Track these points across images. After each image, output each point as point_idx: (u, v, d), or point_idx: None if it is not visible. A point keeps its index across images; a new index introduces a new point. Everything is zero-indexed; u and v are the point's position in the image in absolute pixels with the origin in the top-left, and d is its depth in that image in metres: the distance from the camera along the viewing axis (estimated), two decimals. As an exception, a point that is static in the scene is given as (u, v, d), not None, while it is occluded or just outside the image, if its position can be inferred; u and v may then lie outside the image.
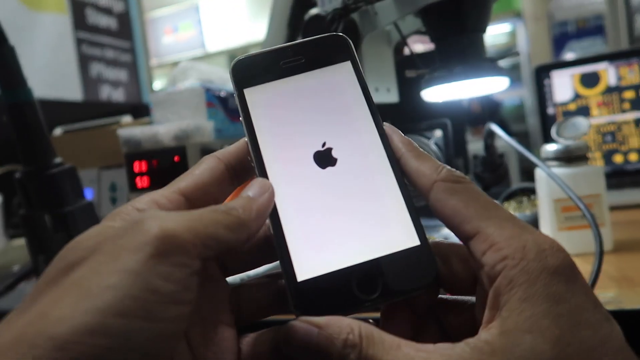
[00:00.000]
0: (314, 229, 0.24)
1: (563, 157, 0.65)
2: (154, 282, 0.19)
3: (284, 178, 0.25)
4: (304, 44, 0.28)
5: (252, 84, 0.27)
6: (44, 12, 1.76)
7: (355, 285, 0.23)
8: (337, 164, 0.25)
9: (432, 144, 0.84)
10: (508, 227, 0.23)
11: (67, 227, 0.73)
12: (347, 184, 0.25)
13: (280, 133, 0.26)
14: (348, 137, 0.26)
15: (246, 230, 0.23)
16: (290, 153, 0.26)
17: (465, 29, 0.66)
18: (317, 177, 0.25)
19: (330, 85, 0.27)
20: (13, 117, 0.70)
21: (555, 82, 1.06)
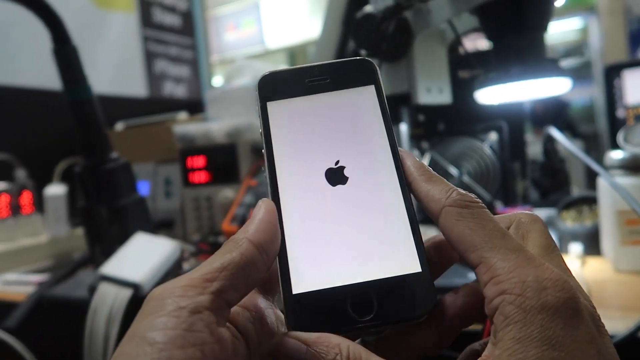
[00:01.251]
0: (316, 244, 0.24)
1: (629, 165, 0.60)
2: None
3: (294, 192, 0.25)
4: (331, 65, 0.28)
5: (276, 98, 0.27)
6: (113, 11, 1.84)
7: (350, 305, 0.23)
8: (348, 182, 0.25)
9: (486, 147, 0.80)
10: (512, 258, 0.21)
11: (121, 219, 0.76)
12: (354, 203, 0.25)
13: (296, 147, 0.26)
14: (362, 157, 0.26)
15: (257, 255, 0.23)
16: (303, 167, 0.26)
17: (524, 27, 0.63)
18: (326, 193, 0.25)
19: (351, 106, 0.27)
20: (74, 113, 0.73)
21: (627, 82, 0.98)
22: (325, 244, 0.24)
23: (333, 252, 0.24)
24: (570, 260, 0.65)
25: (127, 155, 0.80)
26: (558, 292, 0.20)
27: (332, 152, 0.26)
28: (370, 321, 0.22)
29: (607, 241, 0.63)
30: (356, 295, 0.23)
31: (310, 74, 0.28)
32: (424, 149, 0.84)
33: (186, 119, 1.18)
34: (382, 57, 0.75)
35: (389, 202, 0.25)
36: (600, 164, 0.62)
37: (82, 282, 0.78)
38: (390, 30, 0.71)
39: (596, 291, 0.55)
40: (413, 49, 0.75)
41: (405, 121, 0.81)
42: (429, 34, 0.76)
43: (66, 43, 0.71)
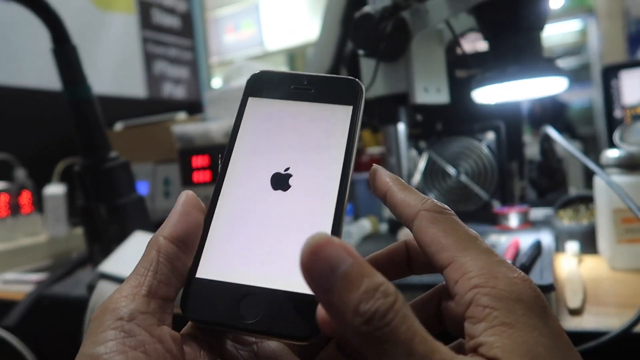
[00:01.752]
0: (235, 240, 0.25)
1: (625, 164, 0.61)
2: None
3: (237, 187, 0.27)
4: (320, 78, 0.29)
5: (257, 95, 0.29)
6: (113, 12, 1.85)
7: (240, 304, 0.24)
8: (289, 190, 0.26)
9: (484, 147, 0.81)
10: (483, 258, 0.23)
11: (120, 218, 0.77)
12: (286, 212, 0.26)
13: (256, 145, 0.27)
14: (311, 171, 0.26)
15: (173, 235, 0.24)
16: (254, 166, 0.27)
17: (521, 27, 0.63)
18: (264, 196, 0.26)
19: (323, 120, 0.28)
20: (73, 113, 0.74)
21: (625, 83, 0.98)
22: (244, 242, 0.25)
23: (247, 251, 0.25)
24: (567, 258, 0.66)
25: (126, 155, 0.81)
26: (528, 289, 0.22)
27: (286, 159, 0.27)
28: (251, 325, 0.23)
29: (603, 239, 0.64)
30: (249, 297, 0.24)
31: (298, 82, 0.29)
32: (421, 148, 0.85)
33: (185, 119, 1.18)
34: (380, 57, 0.75)
35: (317, 221, 0.25)
36: (597, 164, 0.62)
37: (80, 280, 0.78)
38: (388, 30, 0.71)
39: (592, 289, 0.55)
40: (411, 48, 0.75)
41: (403, 121, 0.81)
42: (427, 34, 0.76)
43: (66, 43, 0.71)
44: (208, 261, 0.25)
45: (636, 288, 0.54)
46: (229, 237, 0.25)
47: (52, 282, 0.79)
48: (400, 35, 0.73)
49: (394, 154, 0.82)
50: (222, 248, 0.25)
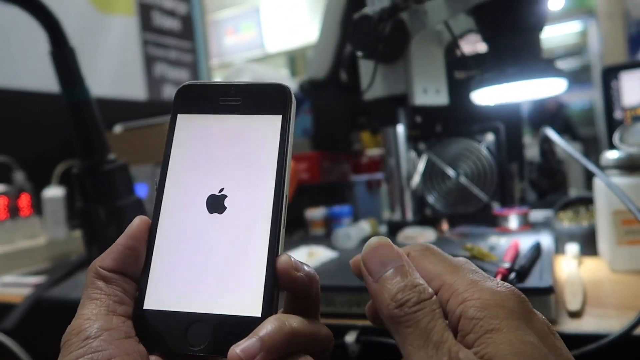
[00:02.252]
0: (177, 268, 0.26)
1: (625, 165, 0.60)
2: None
3: (174, 213, 0.27)
4: (247, 87, 0.28)
5: (187, 112, 0.28)
6: (113, 14, 1.85)
7: (187, 331, 0.24)
8: (224, 213, 0.26)
9: (483, 148, 0.81)
10: (470, 277, 0.24)
11: (119, 220, 0.77)
12: (223, 236, 0.26)
13: (189, 167, 0.27)
14: (244, 191, 0.26)
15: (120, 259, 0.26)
16: (189, 189, 0.27)
17: (520, 28, 0.63)
18: (202, 220, 0.26)
19: (252, 134, 0.27)
20: (72, 115, 0.74)
21: (625, 84, 0.98)
22: (185, 269, 0.26)
23: (189, 278, 0.25)
24: (567, 260, 0.65)
25: (126, 158, 0.80)
26: (511, 295, 0.23)
27: (220, 178, 0.27)
28: (200, 351, 0.24)
29: (603, 241, 0.63)
30: (194, 324, 0.25)
31: (226, 93, 0.28)
32: (421, 150, 0.85)
33: (184, 121, 1.18)
34: (378, 58, 0.75)
35: (254, 244, 0.25)
36: (596, 165, 0.62)
37: (79, 283, 0.78)
38: (387, 32, 0.71)
39: (592, 291, 0.55)
40: (410, 50, 0.75)
41: (402, 122, 0.81)
42: (426, 35, 0.76)
43: (64, 45, 0.71)
44: (153, 291, 0.26)
45: (636, 290, 0.54)
46: (171, 266, 0.26)
47: (51, 284, 0.78)
48: (399, 36, 0.73)
49: (393, 156, 0.82)
50: (166, 277, 0.26)
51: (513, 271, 0.49)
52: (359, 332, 0.52)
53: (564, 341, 0.24)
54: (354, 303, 0.54)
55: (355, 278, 0.56)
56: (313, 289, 0.27)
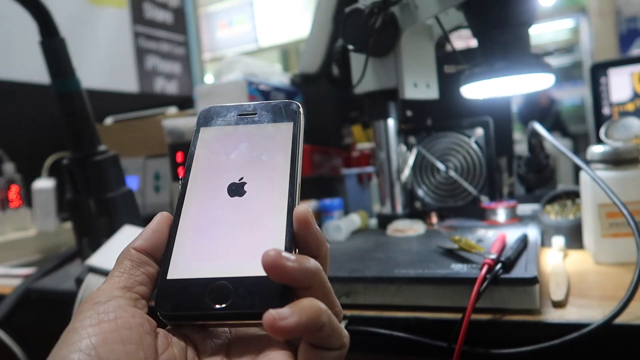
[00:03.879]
0: (199, 242, 0.28)
1: (610, 159, 0.61)
2: None
3: (198, 199, 0.30)
4: (263, 106, 0.33)
5: (208, 125, 0.33)
6: (105, 6, 1.83)
7: (209, 295, 0.26)
8: (244, 195, 0.29)
9: (473, 142, 0.81)
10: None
11: (110, 212, 0.77)
12: (244, 213, 0.29)
13: (211, 164, 0.31)
14: (262, 178, 0.30)
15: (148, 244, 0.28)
16: (211, 180, 0.30)
17: (509, 23, 0.63)
18: (223, 202, 0.29)
19: (268, 137, 0.32)
20: (61, 106, 0.73)
21: (613, 80, 0.99)
22: (206, 241, 0.28)
23: (210, 249, 0.28)
24: (553, 253, 0.66)
25: (117, 150, 0.80)
26: None
27: (239, 170, 0.30)
28: (221, 310, 0.26)
29: (589, 234, 0.64)
30: (215, 287, 0.26)
31: (244, 110, 0.33)
32: (411, 144, 0.85)
33: (176, 114, 1.18)
34: (369, 52, 0.75)
35: (273, 216, 0.28)
36: (583, 159, 0.63)
37: (69, 274, 0.78)
38: (378, 25, 0.71)
39: (576, 282, 0.56)
40: (400, 44, 0.75)
41: (393, 116, 0.82)
42: (417, 30, 0.77)
43: (54, 35, 0.70)
44: (176, 263, 0.27)
45: (619, 281, 0.55)
46: (192, 240, 0.28)
47: (41, 276, 0.78)
48: (390, 30, 0.74)
49: (383, 149, 0.82)
50: (188, 250, 0.28)
51: (499, 262, 0.50)
52: (347, 321, 0.52)
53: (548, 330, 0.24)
54: (342, 293, 0.55)
55: (345, 269, 0.56)
56: (323, 247, 0.28)
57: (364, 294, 0.54)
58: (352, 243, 0.74)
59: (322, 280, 0.27)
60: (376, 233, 0.80)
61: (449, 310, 0.50)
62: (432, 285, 0.51)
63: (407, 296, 0.52)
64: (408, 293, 0.52)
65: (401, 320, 0.50)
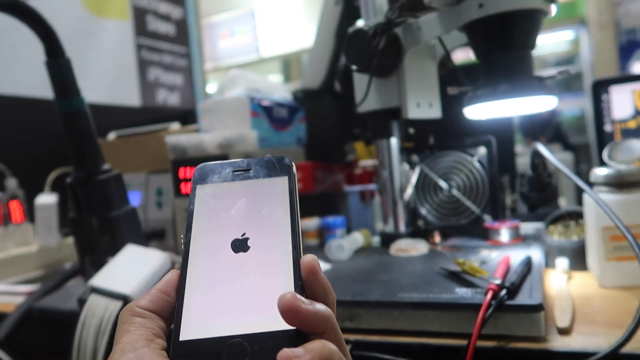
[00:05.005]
0: (209, 300, 0.28)
1: (614, 182, 0.61)
2: None
3: (203, 256, 0.30)
4: (256, 161, 0.34)
5: (205, 182, 0.33)
6: (108, 18, 1.84)
7: (225, 353, 0.26)
8: (249, 251, 0.30)
9: (475, 161, 0.81)
10: None
11: (112, 230, 0.76)
12: (250, 269, 0.29)
13: (212, 221, 0.31)
14: (264, 233, 0.30)
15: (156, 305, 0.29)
16: (214, 237, 0.30)
17: (511, 45, 0.64)
18: (228, 259, 0.29)
19: (265, 191, 0.32)
20: (66, 125, 0.73)
21: (614, 97, 1.00)
22: (216, 300, 0.28)
23: (220, 307, 0.28)
24: (557, 275, 0.66)
25: (119, 165, 0.80)
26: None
27: (241, 226, 0.31)
28: None
29: (592, 257, 0.64)
30: (231, 345, 0.26)
31: (238, 166, 0.34)
32: (414, 162, 0.85)
33: (178, 129, 1.18)
34: (372, 72, 0.76)
35: (280, 268, 0.29)
36: (586, 181, 0.63)
37: (71, 293, 0.78)
38: (381, 46, 0.72)
39: (580, 306, 0.55)
40: (403, 64, 0.76)
41: (396, 135, 0.82)
42: (419, 50, 0.77)
43: (60, 55, 0.71)
44: (187, 324, 0.27)
45: (624, 306, 0.55)
46: (202, 299, 0.28)
47: (43, 294, 0.78)
48: (393, 51, 0.74)
49: (386, 168, 0.83)
50: (198, 309, 0.28)
51: (504, 288, 0.50)
52: (351, 346, 0.52)
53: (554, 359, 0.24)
54: (345, 317, 0.55)
55: (348, 292, 0.56)
56: (330, 296, 0.29)
57: (368, 318, 0.54)
58: (355, 263, 0.73)
59: (334, 326, 0.27)
60: (379, 252, 0.79)
61: (453, 336, 0.50)
62: (436, 310, 0.51)
63: (411, 321, 0.52)
64: (412, 318, 0.52)
65: (405, 346, 0.50)
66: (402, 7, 0.72)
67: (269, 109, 1.07)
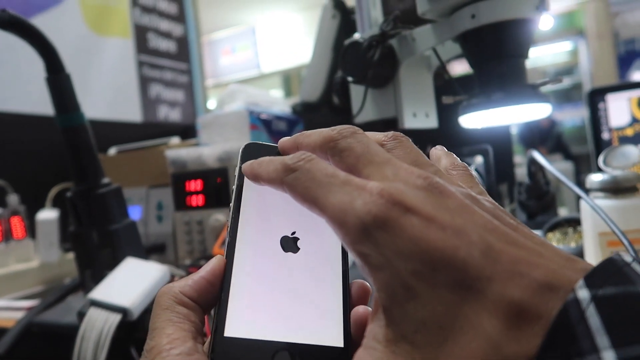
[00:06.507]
0: (256, 299, 0.26)
1: (610, 188, 0.62)
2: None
3: (250, 248, 0.28)
4: None
5: None
6: (110, 36, 1.87)
7: (272, 359, 0.24)
8: (298, 252, 0.28)
9: (473, 170, 0.82)
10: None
11: (112, 244, 0.77)
12: (299, 271, 0.27)
13: (261, 211, 0.29)
14: (315, 234, 0.28)
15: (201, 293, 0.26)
16: (262, 230, 0.28)
17: (505, 55, 0.65)
18: (277, 257, 0.28)
19: None
20: (66, 140, 0.74)
21: (611, 105, 1.00)
22: (264, 300, 0.26)
23: (269, 309, 0.26)
24: (556, 281, 0.66)
25: (120, 180, 0.81)
26: (376, 207, 0.21)
27: (291, 223, 0.29)
28: None
29: (590, 262, 0.64)
30: (279, 353, 0.25)
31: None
32: (411, 172, 0.86)
33: (178, 143, 1.19)
34: (368, 84, 0.77)
35: (329, 279, 0.27)
36: (582, 187, 0.63)
37: (71, 307, 0.78)
38: (376, 58, 0.73)
39: (579, 313, 0.55)
40: (399, 75, 0.77)
41: (393, 145, 0.82)
42: (414, 61, 0.78)
43: (60, 71, 0.72)
44: (234, 320, 0.25)
45: (623, 312, 0.54)
46: (250, 297, 0.26)
47: (43, 309, 0.78)
48: (388, 62, 0.75)
49: (384, 178, 0.83)
50: (245, 306, 0.26)
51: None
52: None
53: None
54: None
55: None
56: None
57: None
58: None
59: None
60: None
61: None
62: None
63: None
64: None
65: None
66: (396, 19, 0.73)
67: (268, 122, 1.08)
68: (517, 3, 0.61)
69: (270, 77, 4.63)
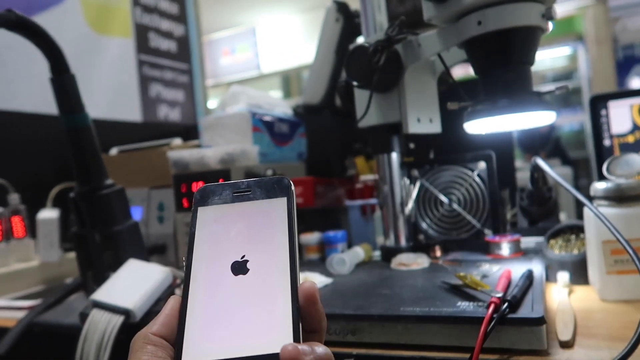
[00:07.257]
0: (210, 322, 0.29)
1: (614, 196, 0.62)
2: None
3: (203, 279, 0.31)
4: (256, 182, 0.34)
5: (206, 204, 0.34)
6: (111, 36, 1.87)
7: None
8: (248, 273, 0.30)
9: (476, 175, 0.82)
10: None
11: (115, 245, 0.77)
12: (250, 291, 0.30)
13: (212, 243, 0.32)
14: (263, 255, 0.31)
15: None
16: (214, 259, 0.31)
17: (510, 61, 0.65)
18: (228, 281, 0.30)
19: (264, 213, 0.33)
20: (70, 140, 0.74)
21: (613, 112, 1.01)
22: (218, 322, 0.29)
23: (222, 330, 0.28)
24: (558, 288, 0.66)
25: (121, 181, 0.81)
26: None
27: (240, 248, 0.31)
28: None
29: (593, 270, 0.64)
30: None
31: (238, 188, 0.34)
32: (414, 177, 0.86)
33: (180, 145, 1.19)
34: (373, 88, 0.77)
35: (278, 293, 0.29)
36: (586, 195, 0.64)
37: (73, 308, 0.78)
38: (382, 62, 0.73)
39: (582, 320, 0.56)
40: (404, 80, 0.77)
41: (396, 150, 0.83)
42: (419, 66, 0.78)
43: (65, 72, 0.72)
44: (189, 348, 0.28)
45: (626, 319, 0.55)
46: (203, 322, 0.29)
47: (45, 309, 0.78)
48: (393, 67, 0.75)
49: (387, 183, 0.83)
50: (199, 332, 0.28)
51: (506, 301, 0.50)
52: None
53: None
54: (348, 331, 0.55)
55: (350, 306, 0.56)
56: (324, 322, 0.30)
57: (370, 332, 0.54)
58: (357, 277, 0.74)
59: (325, 328, 0.29)
60: (380, 266, 0.80)
61: (455, 350, 0.50)
62: (438, 324, 0.51)
63: (413, 335, 0.52)
64: (414, 331, 0.52)
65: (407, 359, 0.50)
66: (402, 24, 0.74)
67: (270, 124, 1.08)
68: (523, 11, 0.61)
69: (270, 77, 4.63)
